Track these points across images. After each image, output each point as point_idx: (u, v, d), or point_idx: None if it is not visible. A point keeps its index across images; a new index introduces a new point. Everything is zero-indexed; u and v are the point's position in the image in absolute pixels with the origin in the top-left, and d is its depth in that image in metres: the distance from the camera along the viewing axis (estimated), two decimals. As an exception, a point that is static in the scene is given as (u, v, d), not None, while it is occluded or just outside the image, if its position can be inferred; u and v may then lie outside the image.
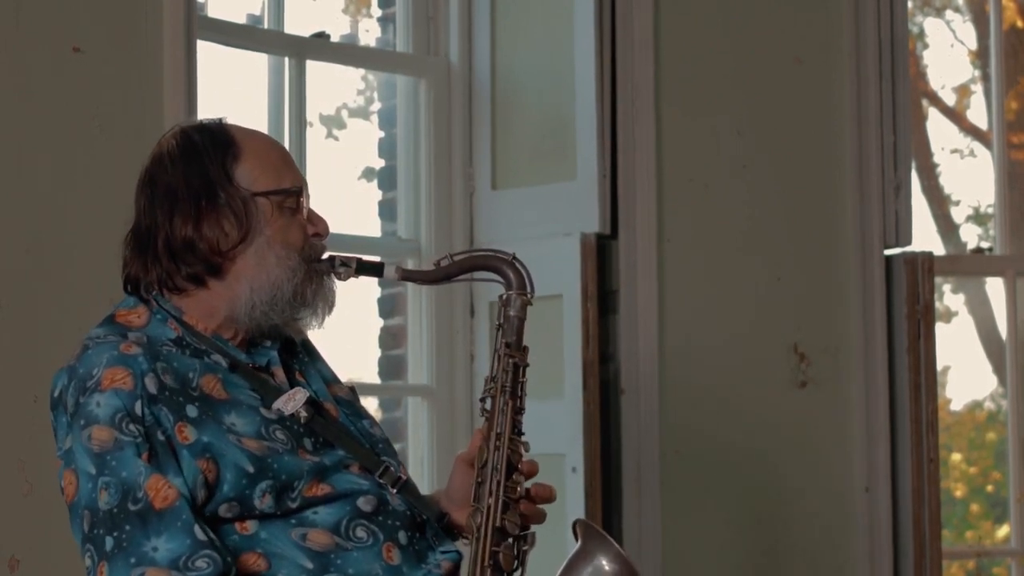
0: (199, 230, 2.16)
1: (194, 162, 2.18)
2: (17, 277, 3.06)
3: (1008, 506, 4.71)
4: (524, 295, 2.27)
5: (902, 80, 4.26)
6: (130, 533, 2.02)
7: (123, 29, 3.24)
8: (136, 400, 2.05)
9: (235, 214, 2.16)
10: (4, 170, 3.06)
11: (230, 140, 2.21)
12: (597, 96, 3.91)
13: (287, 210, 2.20)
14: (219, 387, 2.14)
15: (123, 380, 2.06)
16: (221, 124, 2.24)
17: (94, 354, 2.10)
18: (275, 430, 2.13)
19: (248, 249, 2.17)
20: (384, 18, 4.29)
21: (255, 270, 2.17)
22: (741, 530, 4.03)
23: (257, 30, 3.88)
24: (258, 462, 2.08)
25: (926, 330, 4.22)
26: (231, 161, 2.19)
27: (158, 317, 2.18)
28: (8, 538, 3.02)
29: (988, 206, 8.67)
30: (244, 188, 2.18)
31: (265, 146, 2.24)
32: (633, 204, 3.92)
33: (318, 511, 2.12)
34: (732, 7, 4.12)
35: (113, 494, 2.03)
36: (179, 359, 2.13)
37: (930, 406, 4.21)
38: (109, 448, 2.04)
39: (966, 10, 8.82)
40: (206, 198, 2.17)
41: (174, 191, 2.18)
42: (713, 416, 4.00)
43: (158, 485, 2.03)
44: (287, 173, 2.22)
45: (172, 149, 2.21)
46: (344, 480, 2.15)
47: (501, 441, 2.22)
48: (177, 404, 2.08)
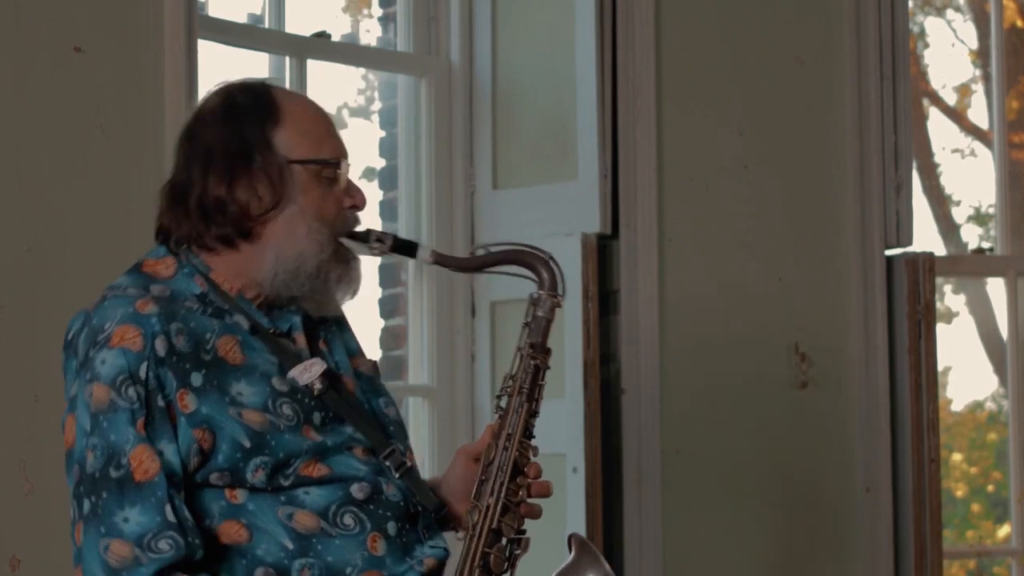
0: (232, 192, 2.14)
1: (233, 123, 2.16)
2: (17, 277, 3.06)
3: (1009, 506, 4.71)
4: (555, 297, 2.27)
5: (903, 80, 4.26)
6: (106, 500, 2.02)
7: (123, 29, 3.23)
8: (142, 362, 2.05)
9: (269, 179, 2.14)
10: (4, 170, 3.06)
11: (272, 104, 2.18)
12: (598, 96, 3.91)
13: (324, 180, 2.17)
14: (236, 349, 2.12)
15: (132, 340, 2.05)
16: (266, 86, 2.21)
17: (110, 307, 2.09)
18: (282, 404, 2.11)
19: (279, 216, 2.15)
20: (385, 18, 4.29)
21: (283, 238, 2.15)
22: (742, 530, 4.03)
23: (258, 30, 3.88)
24: (256, 437, 2.08)
25: (927, 330, 4.22)
26: (271, 125, 2.16)
27: (185, 271, 2.16)
28: (9, 538, 3.02)
29: (989, 206, 8.68)
30: (281, 154, 2.15)
31: (308, 113, 2.20)
32: (634, 204, 3.92)
33: (309, 491, 2.11)
34: (732, 7, 4.12)
35: (99, 457, 2.04)
36: (197, 319, 2.11)
37: (931, 406, 4.21)
38: (103, 409, 2.04)
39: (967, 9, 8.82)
40: (241, 160, 2.15)
41: (211, 150, 2.16)
42: (713, 416, 4.00)
43: (142, 456, 2.03)
44: (328, 142, 2.19)
45: (214, 107, 2.19)
46: (343, 463, 2.14)
47: (511, 442, 2.21)
48: (183, 370, 2.07)
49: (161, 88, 3.26)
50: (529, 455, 2.22)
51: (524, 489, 2.21)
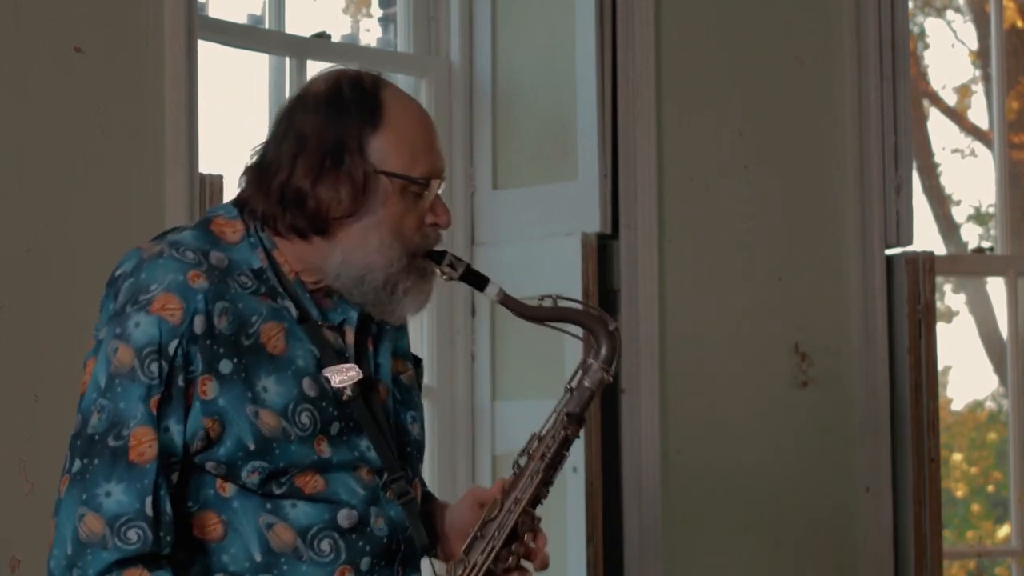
0: (315, 187, 2.09)
1: (334, 117, 2.11)
2: (17, 277, 3.06)
3: (1009, 506, 4.71)
4: (606, 371, 2.22)
5: (903, 80, 4.26)
6: (96, 467, 2.01)
7: (124, 29, 3.23)
8: (175, 338, 2.01)
9: (354, 185, 2.09)
10: (4, 170, 3.06)
11: (376, 107, 2.12)
12: (598, 96, 3.91)
13: (410, 195, 2.12)
14: (279, 337, 2.08)
15: (172, 312, 2.02)
16: (376, 84, 2.16)
17: (162, 267, 2.05)
18: (303, 411, 2.08)
19: (355, 224, 2.10)
20: (385, 18, 4.30)
21: (354, 245, 2.11)
22: (742, 530, 4.03)
23: (258, 30, 3.88)
24: (262, 442, 2.05)
25: (927, 330, 4.22)
26: (369, 130, 2.11)
27: (251, 240, 2.13)
28: (9, 538, 3.02)
29: (989, 206, 8.68)
30: (372, 162, 2.10)
31: (410, 124, 2.14)
32: (634, 204, 3.92)
33: (297, 505, 2.08)
34: (732, 7, 4.12)
35: (103, 420, 2.02)
36: (247, 299, 2.07)
37: (931, 406, 4.21)
38: (123, 373, 2.02)
39: (967, 10, 8.82)
40: (332, 158, 2.09)
41: (304, 138, 2.11)
42: (714, 416, 4.00)
43: (143, 437, 2.01)
44: (424, 159, 2.13)
45: (319, 93, 2.14)
46: (342, 483, 2.10)
47: (516, 507, 2.18)
48: (215, 354, 2.03)
49: (161, 88, 3.26)
50: (530, 524, 2.19)
51: (515, 556, 2.18)
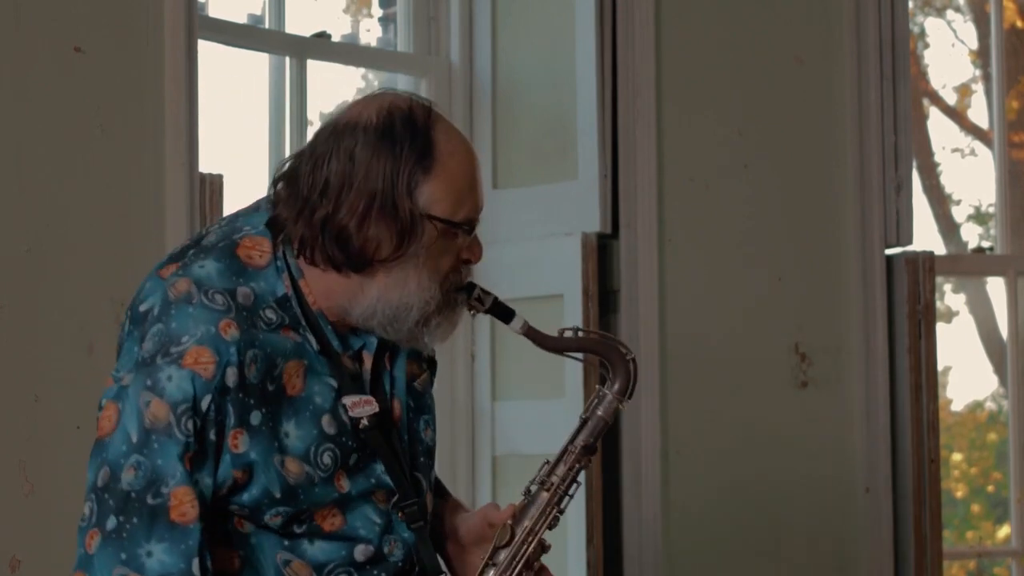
0: (360, 228, 2.04)
1: (385, 156, 2.05)
2: (17, 277, 3.06)
3: (1009, 506, 4.71)
4: (620, 401, 2.21)
5: (903, 80, 4.26)
6: (136, 526, 1.96)
7: (124, 29, 3.23)
8: (208, 393, 1.97)
9: (400, 229, 2.04)
10: (4, 170, 3.05)
11: (428, 149, 2.06)
12: (598, 96, 3.92)
13: (450, 235, 2.09)
14: (299, 375, 2.06)
15: (205, 366, 1.97)
16: (428, 121, 2.08)
17: (193, 317, 1.99)
18: (324, 452, 2.06)
19: (396, 265, 2.07)
20: (385, 18, 4.30)
21: (392, 285, 2.08)
22: (742, 530, 4.03)
23: (258, 30, 3.88)
24: (288, 490, 2.03)
25: (927, 330, 4.22)
26: (420, 174, 2.05)
27: (277, 264, 2.09)
28: (9, 538, 3.02)
29: (989, 205, 8.67)
30: (420, 207, 2.05)
31: (459, 168, 2.09)
32: (634, 204, 3.92)
33: (314, 543, 2.08)
34: (732, 7, 4.12)
35: (140, 478, 1.97)
36: (272, 339, 2.04)
37: (931, 406, 4.21)
38: (159, 429, 1.97)
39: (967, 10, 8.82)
40: (380, 200, 2.04)
41: (352, 174, 2.04)
42: (713, 416, 4.00)
43: (184, 497, 1.97)
44: (468, 202, 2.10)
45: (369, 124, 2.06)
46: (360, 516, 2.11)
47: (531, 537, 2.18)
48: (246, 406, 2.00)
49: (161, 88, 3.26)
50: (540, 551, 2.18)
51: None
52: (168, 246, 3.24)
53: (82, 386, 3.11)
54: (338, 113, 2.12)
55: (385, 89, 2.16)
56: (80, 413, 3.11)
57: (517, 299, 3.92)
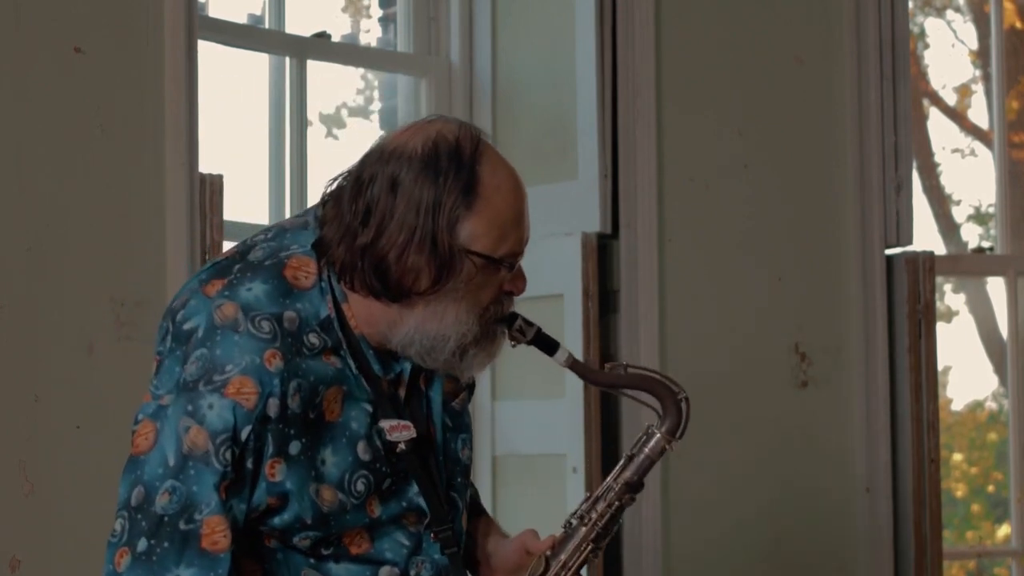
0: (400, 259, 2.02)
1: (428, 189, 2.02)
2: (17, 277, 3.06)
3: (1009, 506, 4.71)
4: (670, 441, 2.20)
5: (903, 80, 4.26)
6: (166, 550, 1.96)
7: (124, 29, 3.23)
8: (248, 423, 1.96)
9: (440, 263, 2.02)
10: (4, 170, 3.06)
11: (472, 183, 2.04)
12: (598, 96, 3.92)
13: (491, 270, 2.07)
14: (338, 401, 2.05)
15: (247, 396, 1.96)
16: (475, 156, 2.06)
17: (239, 344, 1.98)
18: (358, 479, 2.06)
19: (434, 299, 2.05)
20: (385, 18, 4.29)
21: (430, 318, 2.06)
22: (742, 530, 4.03)
23: (258, 30, 3.88)
24: (320, 517, 2.03)
25: (927, 330, 4.22)
26: (463, 209, 2.03)
27: (322, 286, 2.07)
28: (9, 538, 3.02)
29: (989, 206, 8.67)
30: (461, 242, 2.03)
31: (503, 203, 2.07)
32: (634, 204, 3.92)
33: (341, 563, 2.08)
34: (732, 7, 4.12)
35: (174, 503, 1.96)
36: (315, 367, 2.02)
37: (931, 406, 4.21)
38: (197, 456, 1.96)
39: (967, 10, 8.82)
40: (421, 233, 2.01)
41: (393, 205, 2.02)
42: (713, 416, 4.00)
43: (217, 527, 1.96)
44: (512, 236, 2.07)
45: (415, 156, 2.03)
46: (388, 539, 2.10)
47: (565, 572, 2.16)
48: (285, 436, 1.99)
49: (161, 88, 3.26)
50: None
51: None
52: (168, 246, 3.24)
53: (82, 386, 3.11)
54: (387, 137, 2.09)
55: (437, 116, 2.12)
56: (80, 413, 3.11)
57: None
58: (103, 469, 3.06)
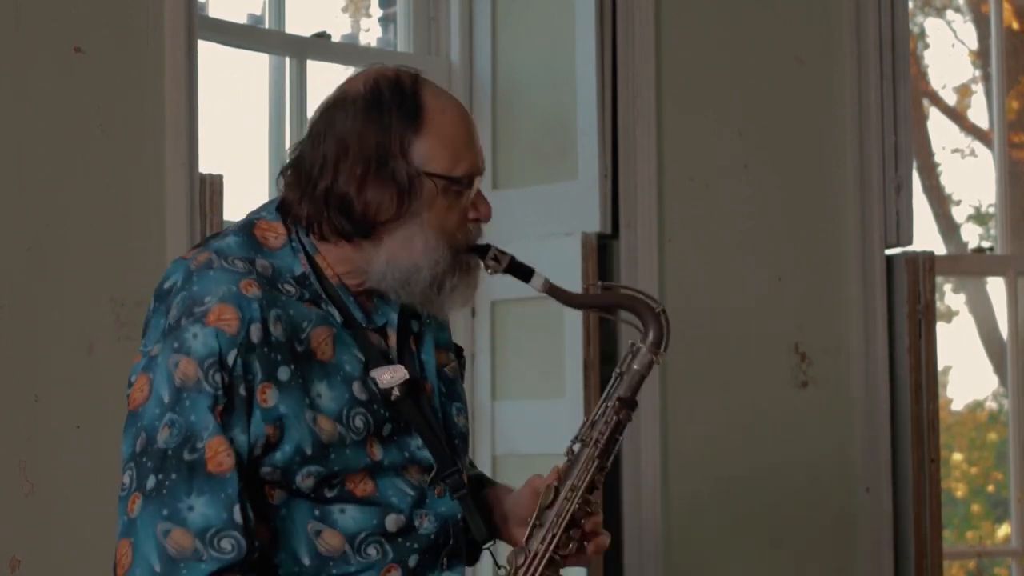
0: (360, 192, 2.09)
1: (375, 122, 2.11)
2: (17, 277, 3.06)
3: (1009, 506, 4.71)
4: (656, 353, 2.22)
5: (903, 80, 4.26)
6: (175, 482, 1.98)
7: (124, 29, 3.24)
8: (233, 348, 2.01)
9: (399, 189, 2.09)
10: (4, 170, 3.06)
11: (417, 109, 2.13)
12: (598, 96, 3.92)
13: (452, 194, 2.13)
14: (328, 342, 2.09)
15: (229, 322, 2.02)
16: (415, 86, 2.16)
17: (214, 279, 2.04)
18: (356, 415, 2.09)
19: (400, 226, 2.11)
20: (385, 18, 4.30)
21: (399, 247, 2.11)
22: (742, 530, 4.03)
23: (258, 30, 3.88)
24: (320, 448, 2.05)
25: (927, 330, 4.22)
26: (411, 134, 2.11)
27: (293, 245, 2.13)
28: (9, 538, 3.02)
29: (989, 206, 8.68)
30: (416, 165, 2.10)
31: (451, 124, 2.14)
32: (634, 204, 3.92)
33: (345, 510, 2.09)
34: (732, 7, 4.12)
35: (175, 435, 1.99)
36: (296, 306, 2.08)
37: (931, 406, 4.21)
38: (189, 386, 2.00)
39: (967, 10, 8.82)
40: (376, 163, 2.09)
41: (347, 144, 2.10)
42: (713, 415, 4.00)
43: (218, 448, 2.00)
44: (465, 156, 2.14)
45: (358, 95, 2.14)
46: (391, 486, 2.11)
47: (574, 494, 2.18)
48: (273, 362, 2.03)
49: (161, 88, 3.26)
50: (588, 510, 2.19)
51: (575, 542, 2.19)
52: (168, 246, 3.24)
53: (82, 386, 3.11)
54: (330, 93, 2.18)
55: (372, 64, 2.23)
56: (80, 413, 3.11)
57: (517, 299, 3.94)
58: (103, 469, 3.06)
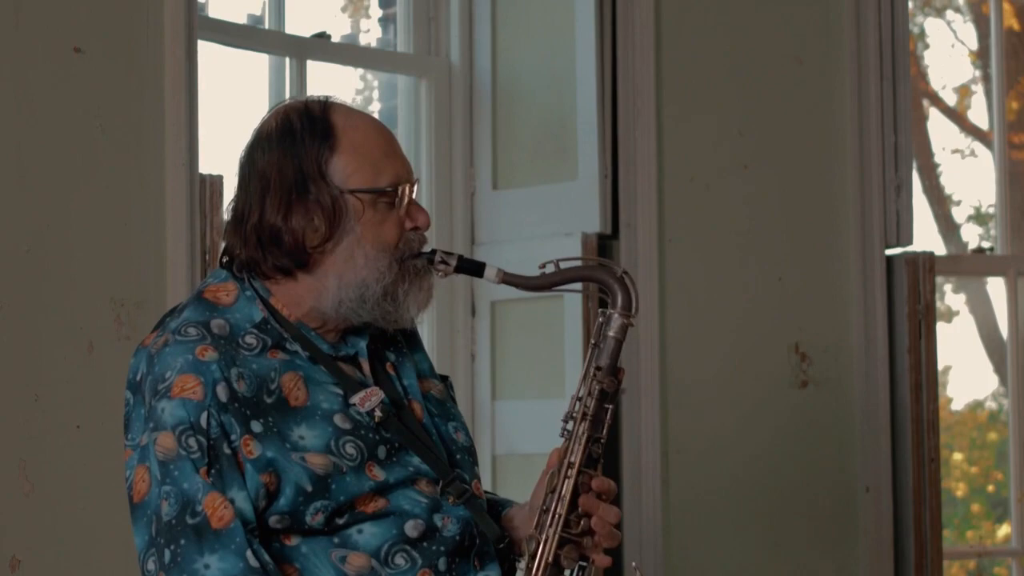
0: (287, 222, 2.10)
1: (289, 150, 2.12)
2: (17, 277, 3.06)
3: (1009, 506, 4.71)
4: (627, 316, 2.19)
5: (903, 80, 4.26)
6: (184, 548, 2.00)
7: (123, 29, 3.23)
8: (203, 411, 2.02)
9: (323, 211, 2.10)
10: (4, 170, 3.05)
11: (328, 130, 2.13)
12: (598, 96, 3.92)
13: (383, 205, 2.13)
14: (300, 386, 2.09)
15: (192, 390, 2.03)
16: (325, 109, 2.16)
17: (170, 354, 2.06)
18: (345, 443, 2.08)
19: (336, 247, 2.11)
20: (384, 18, 4.29)
21: (343, 267, 2.11)
22: (742, 530, 4.03)
23: (257, 30, 3.88)
24: (318, 482, 2.05)
25: (927, 330, 4.22)
26: (326, 154, 2.11)
27: (247, 294, 2.13)
28: (9, 538, 3.02)
29: (989, 206, 8.68)
30: (336, 184, 2.11)
31: (365, 138, 2.16)
32: (634, 204, 3.92)
33: (363, 529, 2.08)
34: (732, 7, 4.12)
35: (173, 504, 2.01)
36: (258, 360, 2.08)
37: (931, 406, 4.21)
38: (172, 457, 2.02)
39: (966, 10, 8.82)
40: (296, 190, 2.10)
41: (267, 177, 2.11)
42: (713, 416, 4.00)
43: (215, 503, 2.01)
44: (387, 168, 2.15)
45: (270, 130, 2.15)
46: (403, 496, 2.11)
47: (571, 470, 2.16)
48: (244, 416, 2.04)
49: (161, 88, 3.26)
50: (589, 482, 2.16)
51: (585, 519, 2.16)
52: (168, 246, 3.24)
53: (82, 386, 3.11)
54: (248, 139, 2.19)
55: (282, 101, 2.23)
56: (80, 413, 3.11)
57: (516, 299, 3.95)
58: (103, 469, 3.07)
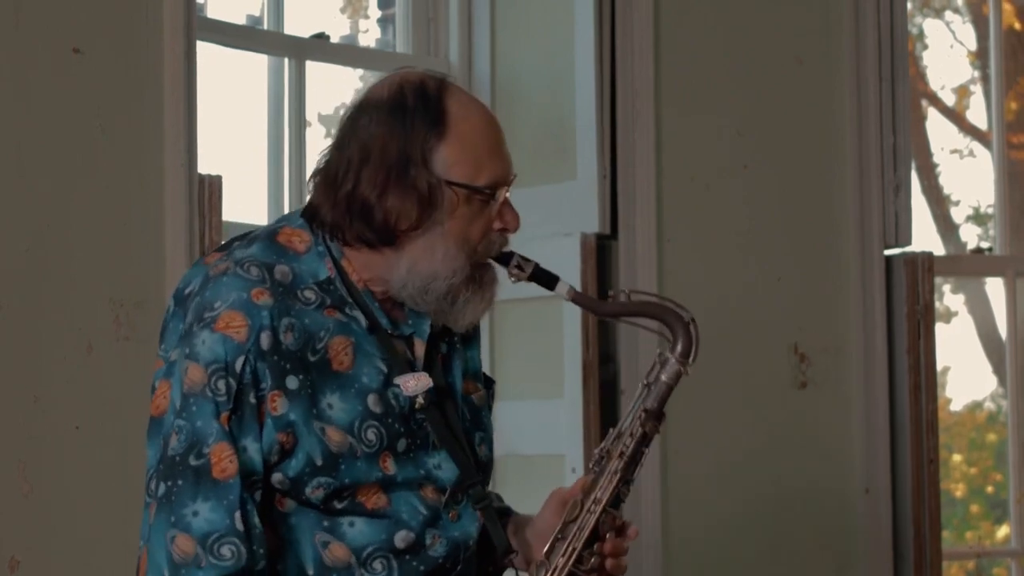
0: (381, 200, 2.06)
1: (397, 127, 2.07)
2: (17, 277, 3.06)
3: (1008, 507, 4.72)
4: (684, 364, 2.19)
5: (902, 80, 4.26)
6: (181, 488, 1.99)
7: (123, 30, 3.24)
8: (241, 355, 2.00)
9: (419, 197, 2.06)
10: (4, 170, 3.06)
11: (440, 116, 2.08)
12: (597, 96, 3.92)
13: (476, 203, 2.10)
14: (348, 351, 2.07)
15: (237, 329, 2.00)
16: (440, 90, 2.10)
17: (226, 284, 2.03)
18: (368, 428, 2.06)
19: (421, 235, 2.07)
20: (384, 19, 4.30)
21: (420, 256, 2.08)
22: (741, 530, 4.03)
23: (257, 31, 3.88)
24: (329, 458, 2.03)
25: (926, 330, 4.22)
26: (433, 140, 2.07)
27: (319, 249, 2.10)
28: (8, 538, 3.02)
29: (988, 206, 8.69)
30: (437, 173, 2.07)
31: (475, 131, 2.11)
32: (633, 204, 3.92)
33: (354, 523, 2.07)
34: (732, 7, 4.12)
35: (182, 441, 2.00)
36: (312, 315, 2.06)
37: (930, 406, 4.21)
38: (195, 392, 2.00)
39: (965, 11, 8.83)
40: (397, 171, 2.06)
41: (369, 149, 2.07)
42: (713, 416, 4.00)
43: (222, 453, 1.99)
44: (489, 166, 2.11)
45: (382, 100, 2.09)
46: (404, 501, 2.09)
47: (596, 507, 2.14)
48: (282, 370, 2.01)
49: (161, 88, 3.26)
50: (612, 523, 2.15)
51: (597, 557, 2.15)
52: (167, 246, 3.24)
53: (82, 386, 3.11)
54: (355, 98, 2.15)
55: (400, 68, 2.17)
56: (80, 413, 3.11)
57: (516, 299, 3.94)
58: (103, 469, 3.07)
